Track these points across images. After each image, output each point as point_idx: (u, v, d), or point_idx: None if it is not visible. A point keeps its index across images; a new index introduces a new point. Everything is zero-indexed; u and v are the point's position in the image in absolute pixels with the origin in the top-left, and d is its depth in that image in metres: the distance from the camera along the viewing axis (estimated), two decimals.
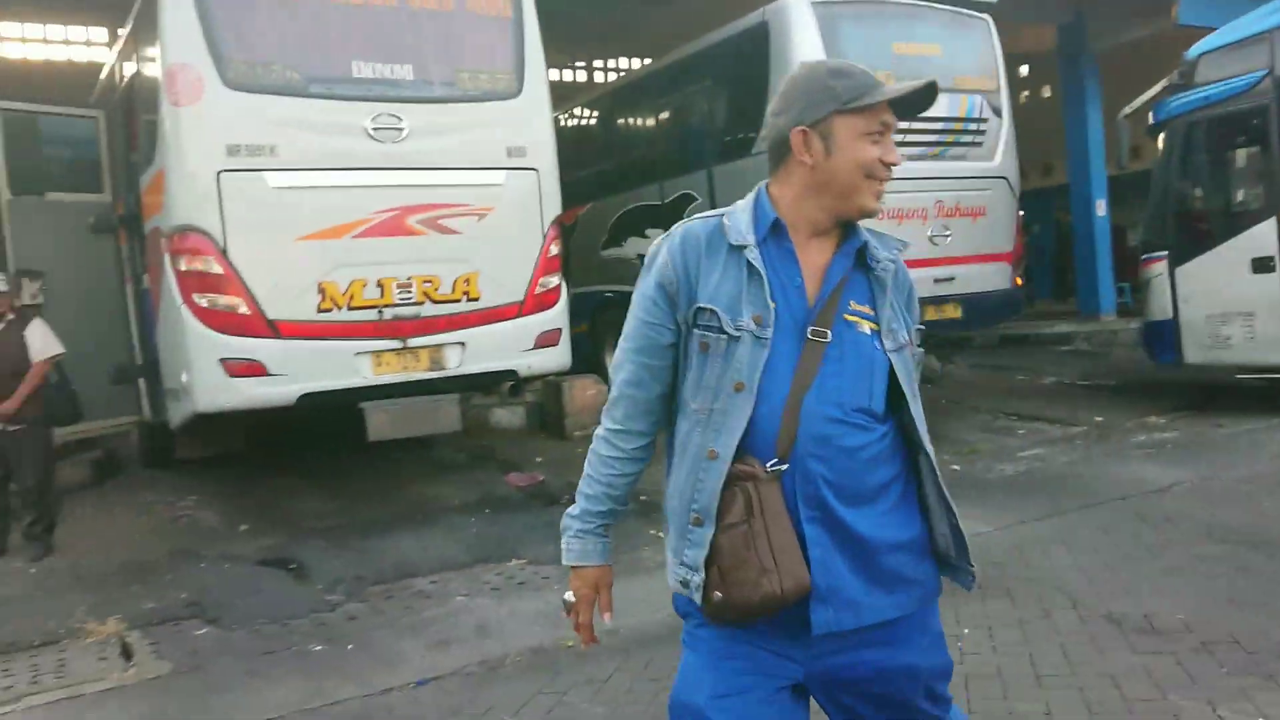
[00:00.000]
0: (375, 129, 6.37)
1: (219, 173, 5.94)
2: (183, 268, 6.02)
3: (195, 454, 8.23)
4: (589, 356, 10.59)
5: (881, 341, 1.82)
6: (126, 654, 4.65)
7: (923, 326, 1.95)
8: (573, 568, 1.98)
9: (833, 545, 1.77)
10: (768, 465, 1.75)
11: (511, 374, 7.17)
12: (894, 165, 1.84)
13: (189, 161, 5.99)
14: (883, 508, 1.81)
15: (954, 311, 8.49)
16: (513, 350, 6.95)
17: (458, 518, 6.72)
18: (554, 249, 7.13)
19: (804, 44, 7.90)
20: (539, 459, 8.30)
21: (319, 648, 4.57)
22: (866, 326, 1.82)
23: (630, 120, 11.25)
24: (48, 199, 7.77)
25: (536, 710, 3.65)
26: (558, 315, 7.17)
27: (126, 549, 6.37)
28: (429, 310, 6.57)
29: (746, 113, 8.55)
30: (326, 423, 7.60)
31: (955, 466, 7.32)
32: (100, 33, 16.78)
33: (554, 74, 18.53)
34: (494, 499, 7.19)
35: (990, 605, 4.32)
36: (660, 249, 1.88)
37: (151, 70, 6.47)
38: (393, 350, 6.48)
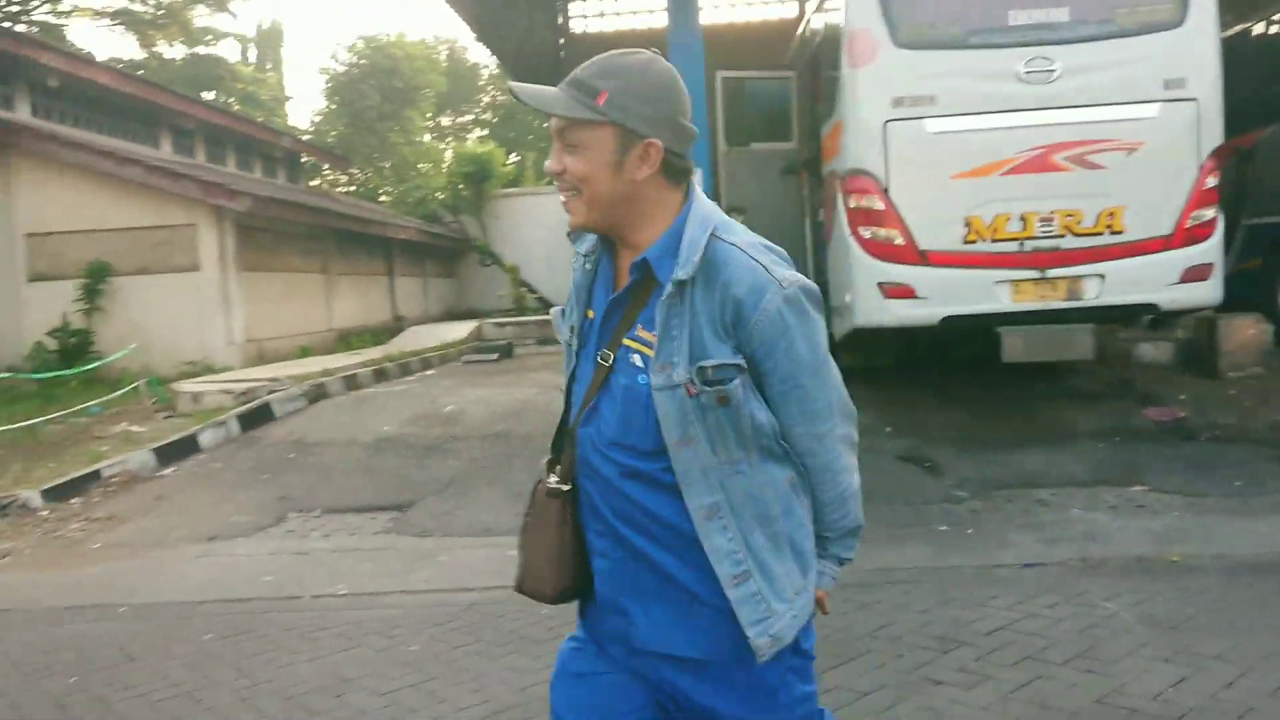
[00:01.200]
0: (1027, 72, 6.82)
1: (885, 122, 6.91)
2: (851, 205, 7.15)
3: (854, 363, 9.49)
4: (1257, 293, 9.80)
5: (650, 375, 1.63)
6: None
7: (737, 362, 1.61)
8: None
9: (622, 562, 1.71)
10: (550, 480, 1.76)
11: (1152, 307, 7.18)
12: (553, 174, 1.68)
13: (862, 114, 7.06)
14: (670, 543, 1.68)
15: None
16: (1155, 284, 6.97)
17: (1086, 442, 7.06)
18: (1210, 181, 6.93)
19: None
20: (1182, 396, 8.12)
21: (944, 528, 5.44)
22: (638, 355, 1.65)
23: None
24: (751, 148, 9.54)
25: (1127, 601, 4.09)
26: (1209, 249, 6.99)
27: None
28: (1069, 243, 6.90)
29: None
30: (963, 344, 8.31)
31: None
32: None
33: None
34: (1126, 429, 7.33)
35: None
36: None
37: (834, 34, 7.64)
38: (1030, 280, 6.96)
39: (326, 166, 30.61)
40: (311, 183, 28.37)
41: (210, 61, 32.71)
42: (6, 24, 18.45)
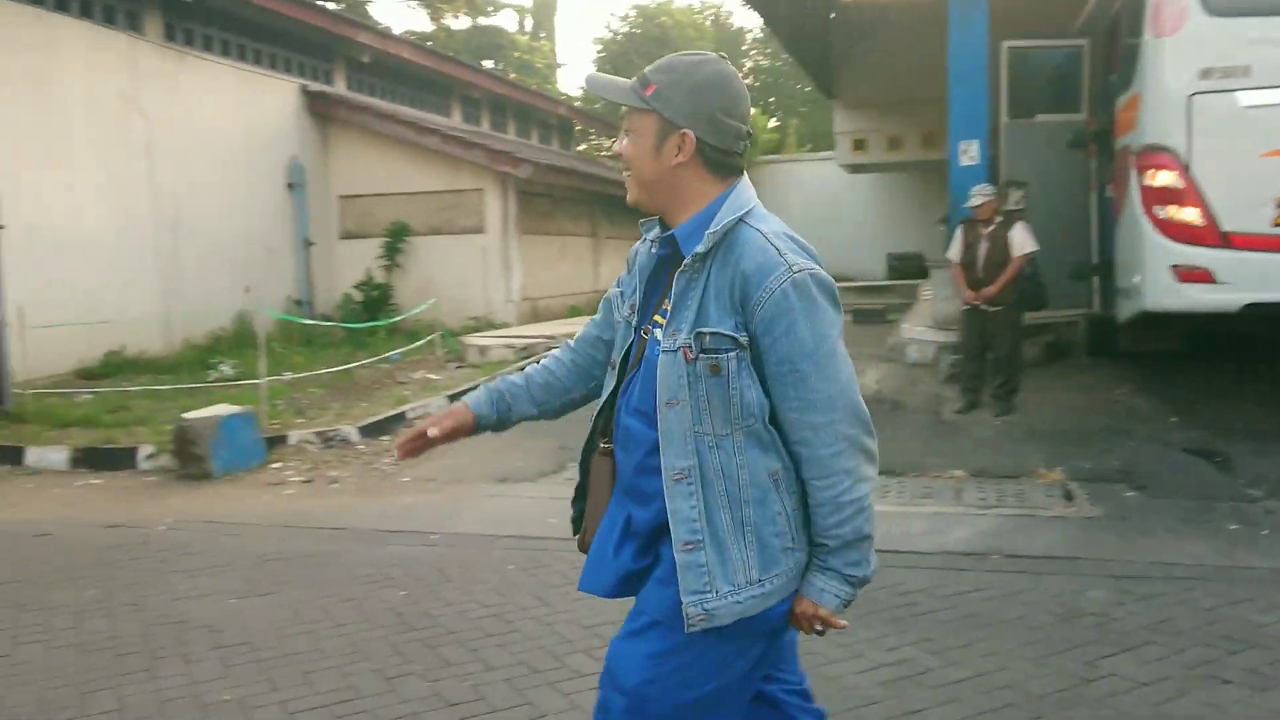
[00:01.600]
0: None
1: (1190, 95, 6.51)
2: (1147, 182, 6.80)
3: (1136, 347, 9.03)
4: None
5: (660, 340, 1.79)
6: (1067, 496, 5.86)
7: (736, 336, 1.71)
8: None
9: (618, 525, 1.89)
10: (602, 442, 1.94)
11: None
12: (616, 155, 1.85)
13: (1165, 86, 6.67)
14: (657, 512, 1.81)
15: None
16: None
17: None
18: None
19: None
20: None
21: (1233, 527, 5.17)
22: (660, 330, 1.81)
23: None
24: (1035, 120, 9.18)
25: None
26: None
27: (1070, 418, 7.60)
28: None
29: None
30: (1267, 333, 7.73)
31: None
32: None
33: None
34: None
35: None
36: None
37: (1137, 1, 7.22)
38: None
39: (593, 132, 31.81)
40: (578, 148, 29.60)
41: (490, 32, 34.68)
42: (323, 3, 20.39)
